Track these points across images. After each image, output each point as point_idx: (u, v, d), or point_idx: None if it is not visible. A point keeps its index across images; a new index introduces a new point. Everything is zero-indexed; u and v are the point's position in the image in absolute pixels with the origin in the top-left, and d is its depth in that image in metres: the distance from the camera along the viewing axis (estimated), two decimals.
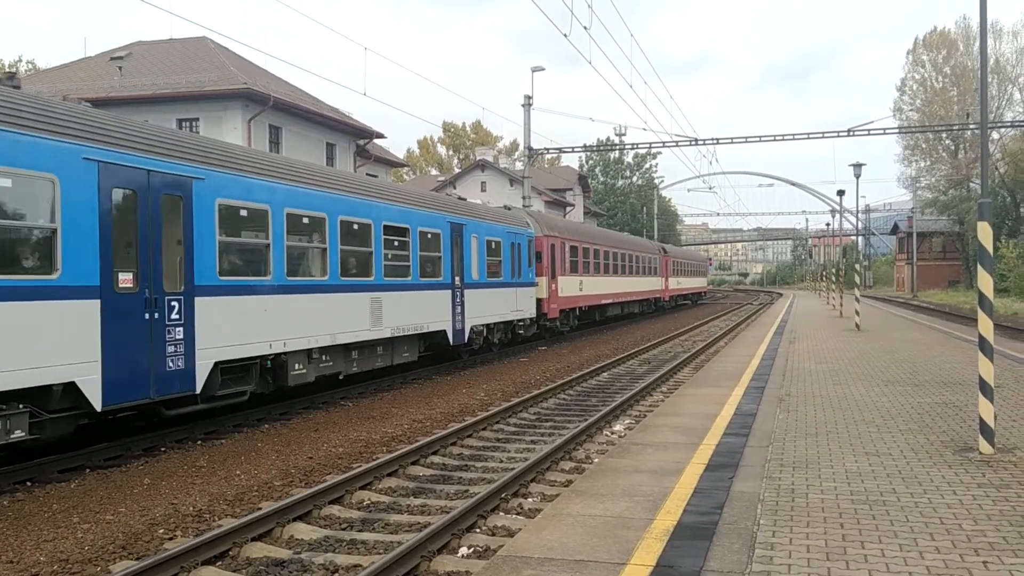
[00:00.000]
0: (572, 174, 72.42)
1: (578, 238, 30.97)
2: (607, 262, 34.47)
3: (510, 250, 22.78)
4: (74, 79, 30.89)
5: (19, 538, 7.40)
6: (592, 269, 32.06)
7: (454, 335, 18.90)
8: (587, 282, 31.21)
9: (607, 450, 10.63)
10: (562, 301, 27.81)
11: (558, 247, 27.75)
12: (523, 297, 23.73)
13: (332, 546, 7.27)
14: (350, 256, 14.90)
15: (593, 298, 32.11)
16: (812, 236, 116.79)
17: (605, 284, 33.97)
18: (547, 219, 29.66)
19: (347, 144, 36.32)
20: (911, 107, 76.98)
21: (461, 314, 19.28)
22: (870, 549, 5.06)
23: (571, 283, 29.12)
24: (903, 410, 10.00)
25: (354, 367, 15.17)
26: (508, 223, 23.19)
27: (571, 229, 31.53)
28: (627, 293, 38.19)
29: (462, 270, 19.48)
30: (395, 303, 16.21)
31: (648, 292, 42.92)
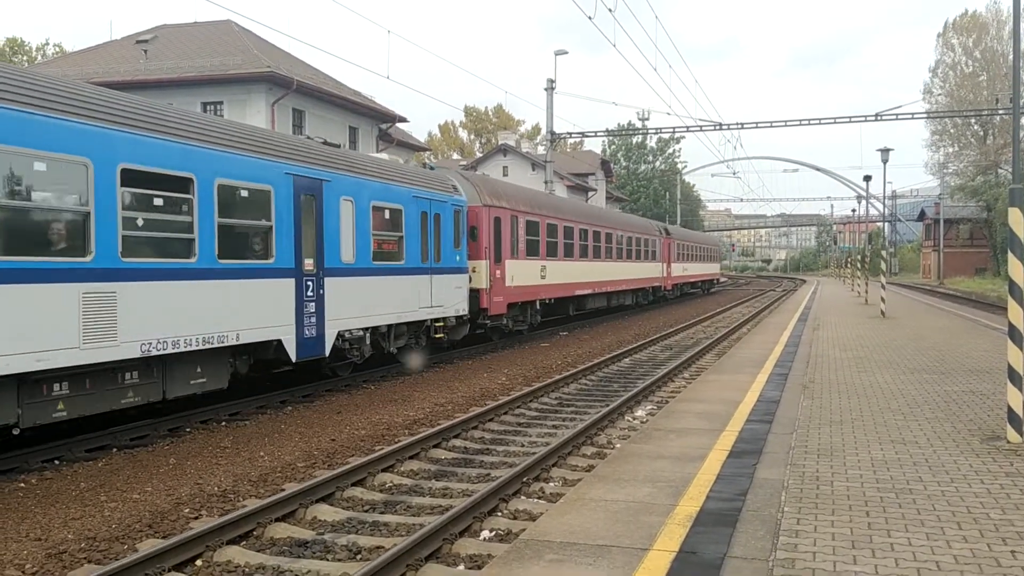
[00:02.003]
0: (595, 159, 72.09)
1: (540, 211, 24.40)
2: (584, 243, 28.19)
3: (420, 223, 16.56)
4: (100, 62, 31.12)
5: (47, 516, 7.51)
6: (562, 252, 25.76)
7: (301, 346, 12.68)
8: (553, 268, 24.84)
9: (629, 436, 10.62)
10: (512, 292, 21.50)
11: (506, 222, 21.34)
12: (444, 288, 17.49)
13: (355, 528, 7.32)
14: None
15: (562, 288, 25.72)
16: (837, 222, 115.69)
17: (580, 270, 27.59)
18: (491, 185, 22.47)
19: (370, 128, 36.37)
20: (941, 91, 75.87)
21: (317, 314, 13.10)
22: (896, 537, 5.01)
23: (527, 269, 22.70)
24: (929, 398, 9.89)
25: None
26: (416, 185, 16.70)
27: (529, 199, 24.25)
28: (613, 281, 31.72)
29: (319, 249, 13.21)
30: (149, 300, 9.99)
31: (644, 280, 36.89)
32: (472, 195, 19.80)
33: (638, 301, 37.21)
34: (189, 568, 6.36)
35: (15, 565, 6.31)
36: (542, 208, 24.92)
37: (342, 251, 13.92)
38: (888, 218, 76.14)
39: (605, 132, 54.45)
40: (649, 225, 40.92)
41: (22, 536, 6.98)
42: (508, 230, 21.48)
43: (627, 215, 43.55)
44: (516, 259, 21.98)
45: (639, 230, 36.92)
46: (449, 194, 18.17)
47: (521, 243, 22.40)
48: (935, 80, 77.08)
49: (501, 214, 21.16)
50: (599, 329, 27.66)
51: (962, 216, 77.29)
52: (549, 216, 25.02)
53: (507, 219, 21.48)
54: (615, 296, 33.00)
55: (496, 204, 21.02)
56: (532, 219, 23.40)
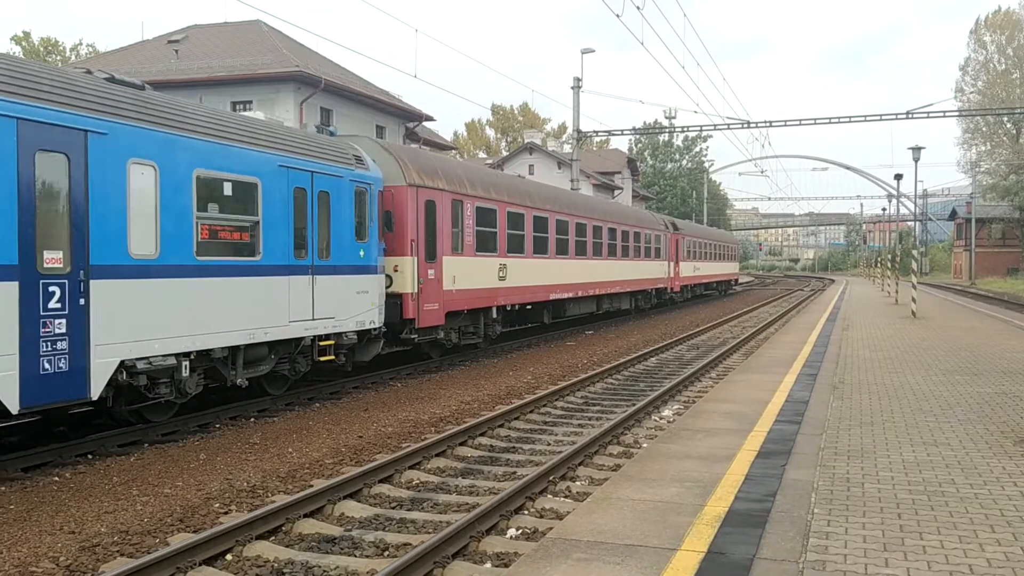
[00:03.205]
0: (621, 157, 71.84)
1: (499, 196, 19.36)
2: (564, 237, 23.41)
3: (291, 204, 12.06)
4: (132, 62, 31.53)
5: (81, 509, 7.63)
6: (530, 247, 20.96)
7: (31, 387, 8.28)
8: (517, 267, 20.07)
9: (656, 435, 10.58)
10: (454, 298, 16.87)
11: (444, 207, 16.58)
12: (337, 293, 13.13)
13: (382, 524, 7.36)
14: None
15: (530, 292, 20.88)
16: (867, 221, 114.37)
17: (558, 270, 22.85)
18: (423, 160, 17.20)
19: (396, 126, 36.52)
20: (972, 89, 74.83)
21: (70, 337, 8.71)
22: (928, 540, 4.95)
23: (478, 268, 18.08)
24: (961, 399, 9.76)
25: None
26: (287, 151, 12.10)
27: (483, 181, 19.21)
28: (604, 283, 26.85)
29: (76, 236, 8.88)
30: None
31: (644, 280, 31.96)
32: (393, 171, 15.24)
33: (638, 305, 32.36)
34: (219, 562, 6.43)
35: (49, 558, 6.41)
36: (502, 192, 19.77)
37: (131, 241, 9.50)
38: (919, 217, 75.19)
39: (632, 130, 54.20)
40: (651, 218, 36.32)
41: (56, 529, 7.09)
42: (447, 218, 16.68)
43: (623, 206, 37.73)
44: (460, 255, 17.20)
45: (638, 223, 32.18)
46: (348, 167, 13.53)
47: (468, 235, 17.61)
48: (966, 78, 76.10)
49: (437, 197, 16.28)
50: (625, 329, 27.57)
51: (994, 215, 76.14)
52: (512, 203, 19.98)
53: (446, 204, 16.61)
54: (607, 300, 28.00)
55: (429, 184, 16.08)
56: (486, 205, 18.50)
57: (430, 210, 16.09)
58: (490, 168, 41.84)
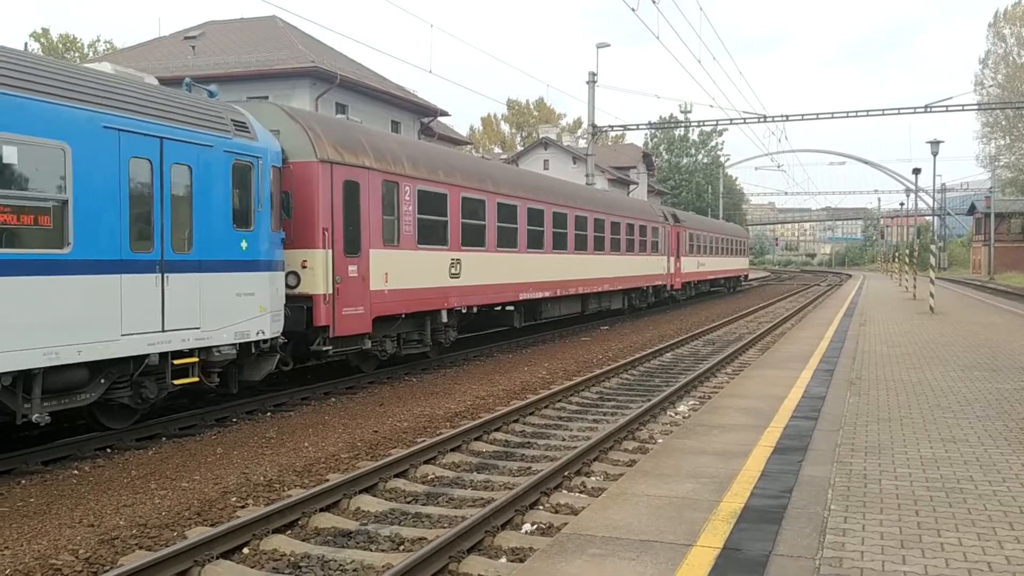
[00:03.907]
0: (636, 152, 71.66)
1: (450, 179, 16.41)
2: (537, 228, 20.48)
3: (127, 178, 9.37)
4: (149, 58, 31.71)
5: (100, 503, 7.70)
6: (493, 239, 18.10)
7: None
8: (476, 263, 17.21)
9: (671, 431, 10.56)
10: (386, 300, 14.01)
11: (372, 190, 13.75)
12: (204, 295, 10.32)
13: (398, 519, 7.39)
14: None
15: (493, 291, 18.12)
16: (884, 216, 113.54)
17: (531, 266, 19.97)
18: (343, 132, 13.84)
19: (411, 122, 36.54)
20: (992, 82, 74.12)
21: None
22: (946, 537, 4.92)
23: (420, 264, 15.18)
24: (980, 395, 9.68)
25: None
26: (128, 110, 9.49)
27: (427, 159, 16.17)
28: (589, 280, 24.14)
29: None
30: None
31: (639, 277, 29.12)
32: (299, 144, 12.51)
33: (632, 304, 29.57)
34: (236, 556, 6.48)
35: (69, 550, 6.48)
36: (455, 174, 16.69)
37: None
38: (937, 212, 74.62)
39: (647, 125, 54.13)
40: (648, 209, 33.20)
41: (76, 522, 7.17)
42: (377, 203, 13.83)
43: (615, 194, 33.84)
44: (395, 248, 14.34)
45: (632, 214, 29.24)
46: (221, 134, 10.65)
47: (408, 224, 14.73)
48: (986, 71, 75.40)
49: (362, 177, 13.43)
50: (639, 324, 27.51)
51: (1014, 210, 75.32)
52: (469, 187, 17.09)
53: (375, 186, 13.76)
54: (594, 299, 25.46)
55: (351, 161, 13.23)
56: (433, 189, 15.66)
57: (351, 193, 13.21)
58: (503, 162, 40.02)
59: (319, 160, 12.60)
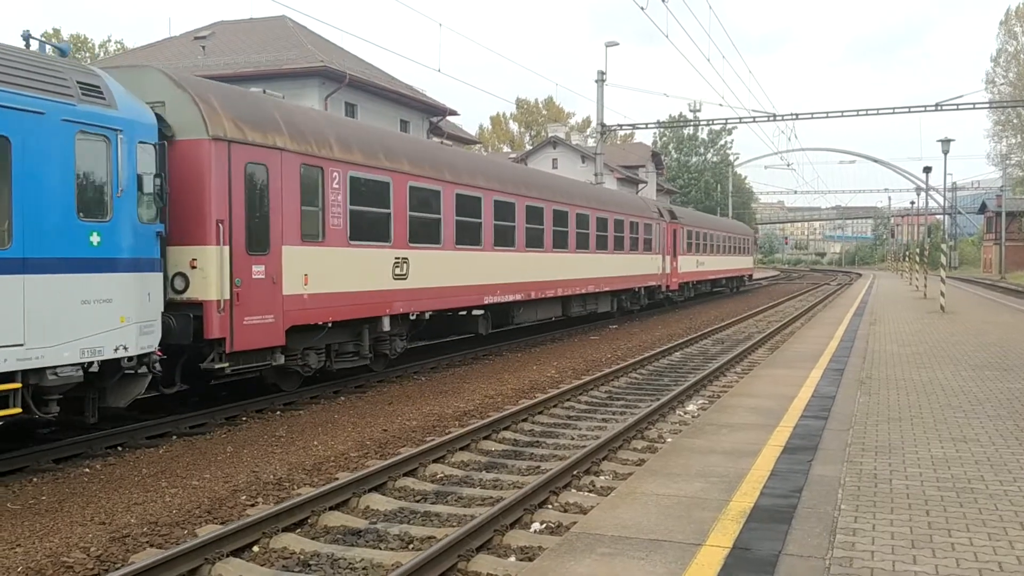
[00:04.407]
0: (645, 151, 71.56)
1: (389, 164, 14.02)
2: (507, 224, 18.38)
3: None
4: (160, 58, 31.83)
5: (111, 500, 7.74)
6: (450, 235, 15.92)
7: None
8: (429, 262, 15.09)
9: (680, 430, 10.54)
10: (307, 307, 11.99)
11: (285, 173, 11.65)
12: (41, 305, 8.17)
13: (407, 517, 7.40)
14: None
15: (451, 294, 15.99)
16: (895, 215, 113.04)
17: (499, 266, 17.92)
18: (246, 102, 11.74)
19: (420, 121, 36.57)
20: (1003, 80, 73.72)
21: None
22: (957, 537, 4.90)
23: (354, 264, 13.09)
24: (991, 395, 9.64)
25: None
26: None
27: (356, 139, 13.69)
28: (569, 282, 21.91)
29: None
30: None
31: (630, 278, 27.10)
32: (187, 116, 10.48)
33: (623, 307, 27.53)
34: (246, 554, 6.50)
35: (80, 548, 6.52)
36: (399, 159, 14.33)
37: None
38: (948, 210, 74.23)
39: (656, 124, 54.08)
40: (641, 204, 30.68)
41: (87, 520, 7.21)
42: (293, 191, 11.73)
43: (601, 188, 30.46)
44: (319, 245, 12.30)
45: (621, 209, 26.86)
46: (59, 99, 8.46)
47: (337, 216, 12.65)
48: (997, 69, 74.95)
49: (272, 160, 11.33)
50: (648, 323, 27.48)
51: None
52: (419, 175, 14.76)
53: (290, 170, 11.66)
54: (578, 302, 23.37)
55: (257, 141, 11.16)
56: (371, 176, 13.44)
57: (256, 178, 11.16)
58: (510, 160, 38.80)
59: (212, 137, 10.50)
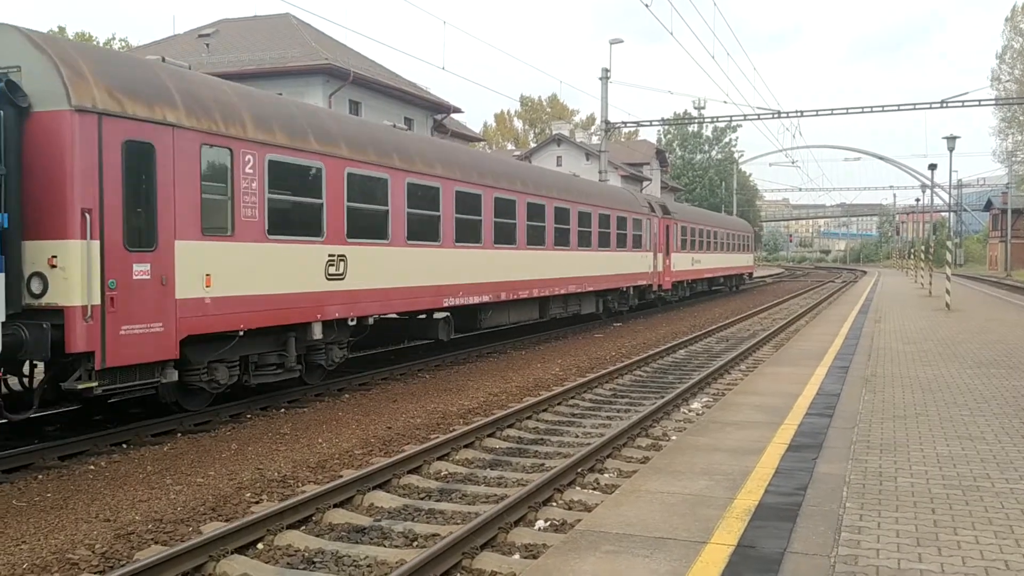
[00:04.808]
0: (649, 148, 71.47)
1: (321, 147, 12.19)
2: (471, 217, 16.51)
3: None
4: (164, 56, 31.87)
5: (116, 498, 7.75)
6: (401, 229, 14.00)
7: None
8: (370, 259, 13.20)
9: (685, 428, 10.53)
10: (209, 313, 10.26)
11: (178, 154, 9.81)
12: None
13: (411, 515, 7.40)
14: None
15: (397, 296, 13.98)
16: (900, 212, 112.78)
17: (458, 264, 15.96)
18: (125, 66, 9.92)
19: (424, 119, 36.56)
20: (1009, 77, 73.47)
21: None
22: (963, 535, 4.89)
23: (274, 261, 11.32)
24: (997, 393, 9.61)
25: None
26: None
27: (277, 116, 11.83)
28: (547, 281, 20.02)
29: None
30: None
31: (617, 277, 25.26)
32: (46, 84, 8.75)
33: (610, 308, 25.76)
34: (251, 551, 6.51)
35: (85, 545, 6.53)
36: (335, 143, 12.50)
37: None
38: (953, 208, 74.04)
39: (660, 121, 53.97)
40: (630, 198, 28.53)
41: (92, 517, 7.22)
42: (191, 176, 9.92)
43: (583, 179, 27.92)
44: (226, 239, 10.50)
45: (607, 203, 24.92)
46: None
47: (250, 206, 10.78)
48: (1003, 66, 74.71)
49: (160, 138, 9.50)
50: (653, 321, 27.45)
51: None
52: (359, 160, 12.88)
53: (185, 151, 9.83)
54: (558, 303, 21.53)
55: (138, 114, 9.33)
56: (296, 161, 11.65)
57: (140, 159, 9.23)
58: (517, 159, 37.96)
59: (76, 109, 8.70)
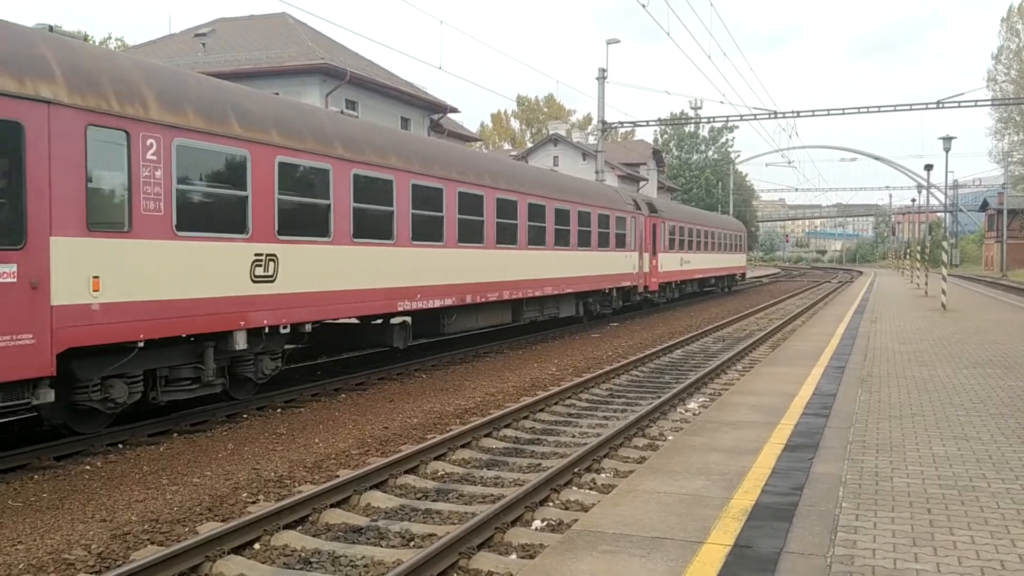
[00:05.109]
0: (646, 148, 71.55)
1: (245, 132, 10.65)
2: (432, 214, 14.98)
3: None
4: (161, 55, 31.79)
5: (112, 498, 7.74)
6: (341, 226, 12.48)
7: None
8: (306, 260, 11.82)
9: (681, 428, 10.55)
10: (91, 321, 8.64)
11: (54, 135, 8.23)
12: None
13: (408, 515, 7.40)
14: None
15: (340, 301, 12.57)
16: (896, 212, 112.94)
17: (408, 264, 14.24)
18: None
19: (421, 118, 36.54)
20: (1005, 78, 73.64)
21: None
22: (959, 535, 4.90)
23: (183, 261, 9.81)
24: (993, 393, 9.63)
25: None
26: None
27: (178, 91, 9.95)
28: (520, 283, 18.50)
29: None
30: None
31: (599, 278, 23.90)
32: None
33: (591, 311, 24.46)
34: (248, 551, 6.50)
35: (81, 545, 6.52)
36: (264, 127, 11.05)
37: None
38: (949, 208, 74.15)
39: (657, 121, 54.01)
40: (613, 195, 26.83)
41: (88, 517, 7.21)
42: (73, 161, 8.49)
43: (560, 174, 26.76)
44: (121, 235, 9.09)
45: (587, 200, 23.35)
46: None
47: (152, 198, 9.38)
48: (999, 67, 74.88)
49: (31, 116, 8.08)
50: (650, 321, 27.47)
51: None
52: (293, 148, 11.41)
53: (64, 131, 8.39)
54: (532, 306, 19.98)
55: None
56: (213, 147, 10.20)
57: (2, 140, 7.93)
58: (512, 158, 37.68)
59: None
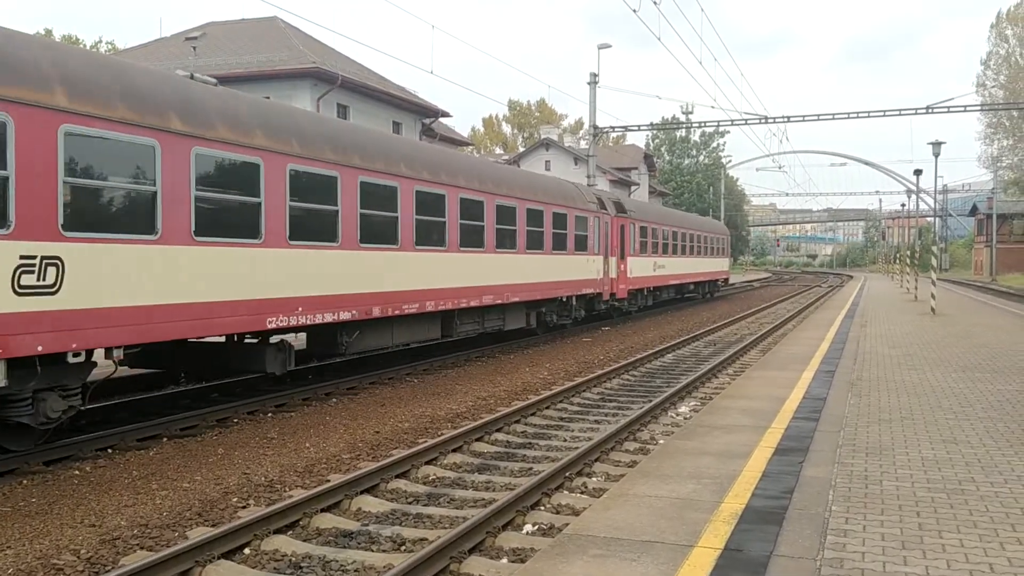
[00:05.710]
0: (637, 153, 71.69)
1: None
2: (325, 208, 12.26)
3: None
4: (151, 59, 31.70)
5: (101, 503, 7.70)
6: (177, 220, 9.64)
7: None
8: (111, 262, 8.79)
9: (672, 432, 10.56)
10: None
11: None
12: None
13: (399, 519, 7.39)
14: None
15: (162, 317, 9.43)
16: (886, 217, 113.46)
17: (272, 271, 11.16)
18: None
19: (413, 123, 36.55)
20: (994, 83, 74.10)
21: None
22: (948, 539, 4.92)
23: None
24: (982, 397, 9.67)
25: None
26: None
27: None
28: (451, 291, 15.77)
29: None
30: None
31: (555, 284, 21.02)
32: None
33: (545, 322, 21.66)
34: (238, 556, 6.48)
35: (71, 550, 6.48)
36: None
37: None
38: (939, 213, 74.55)
39: (649, 126, 54.11)
40: (571, 192, 23.44)
41: (77, 522, 7.17)
42: None
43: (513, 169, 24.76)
44: None
45: (538, 196, 20.28)
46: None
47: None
48: (988, 72, 75.33)
49: None
50: (641, 325, 27.51)
51: (1016, 211, 75.19)
52: (94, 117, 8.61)
53: None
54: (470, 317, 17.34)
55: None
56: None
57: None
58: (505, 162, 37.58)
59: None
